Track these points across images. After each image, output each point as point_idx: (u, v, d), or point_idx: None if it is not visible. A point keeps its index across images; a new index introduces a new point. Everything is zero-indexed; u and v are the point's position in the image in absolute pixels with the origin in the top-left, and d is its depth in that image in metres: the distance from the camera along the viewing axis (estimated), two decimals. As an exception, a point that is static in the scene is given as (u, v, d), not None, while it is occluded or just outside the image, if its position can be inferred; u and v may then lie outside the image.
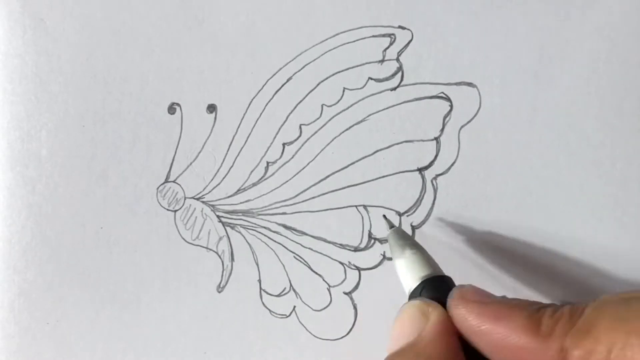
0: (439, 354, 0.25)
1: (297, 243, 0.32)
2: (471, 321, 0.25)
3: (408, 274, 0.28)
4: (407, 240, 0.29)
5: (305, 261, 0.32)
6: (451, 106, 0.32)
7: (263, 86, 0.32)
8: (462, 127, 0.32)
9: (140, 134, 0.32)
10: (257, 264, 0.32)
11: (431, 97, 0.32)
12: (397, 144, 0.32)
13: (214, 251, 0.32)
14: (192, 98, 0.32)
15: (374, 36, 0.32)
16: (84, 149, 0.32)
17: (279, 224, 0.32)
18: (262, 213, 0.32)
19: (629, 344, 0.21)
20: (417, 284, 0.27)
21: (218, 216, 0.32)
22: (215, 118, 0.32)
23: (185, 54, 0.32)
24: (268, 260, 0.32)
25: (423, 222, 0.32)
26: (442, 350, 0.25)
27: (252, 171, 0.32)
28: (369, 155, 0.32)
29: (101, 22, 0.32)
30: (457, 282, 0.29)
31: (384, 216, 0.32)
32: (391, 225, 0.31)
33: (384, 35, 0.32)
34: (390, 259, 0.32)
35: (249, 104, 0.32)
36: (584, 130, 0.32)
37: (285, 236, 0.32)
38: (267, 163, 0.32)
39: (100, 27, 0.32)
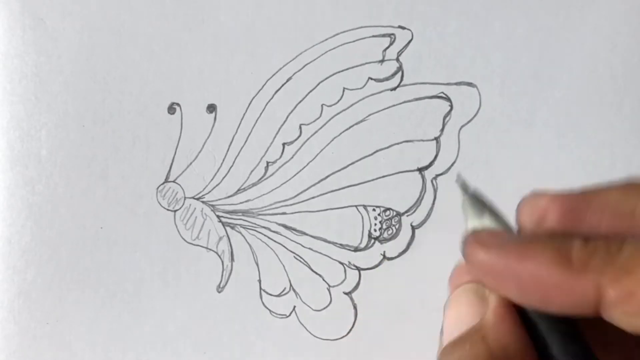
0: (506, 335, 0.22)
1: (297, 243, 0.32)
2: (496, 266, 0.22)
3: None
4: (485, 207, 0.25)
5: (305, 261, 0.32)
6: (451, 106, 0.32)
7: (263, 86, 0.32)
8: (462, 127, 0.32)
9: (140, 134, 0.32)
10: (257, 264, 0.32)
11: (431, 97, 0.32)
12: (397, 144, 0.32)
13: (214, 251, 0.32)
14: (192, 98, 0.32)
15: (374, 36, 0.32)
16: (84, 149, 0.32)
17: (279, 224, 0.32)
18: (262, 213, 0.32)
19: None
20: None
21: (218, 216, 0.32)
22: (215, 118, 0.32)
23: (185, 54, 0.32)
24: (268, 260, 0.32)
25: (423, 222, 0.32)
26: (508, 331, 0.23)
27: (252, 171, 0.32)
28: (369, 155, 0.32)
29: (101, 22, 0.32)
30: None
31: (458, 180, 0.26)
32: (465, 190, 0.26)
33: (384, 35, 0.32)
34: (390, 258, 0.32)
35: (249, 104, 0.32)
36: (584, 130, 0.32)
37: (285, 236, 0.32)
38: (267, 163, 0.32)
39: (100, 27, 0.32)
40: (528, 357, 0.22)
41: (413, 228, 0.32)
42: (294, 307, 0.32)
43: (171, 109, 0.32)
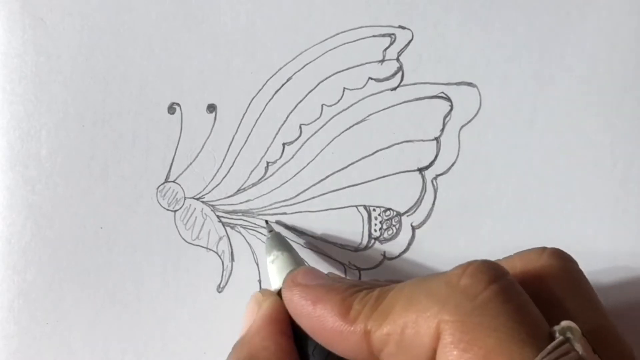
0: (263, 340, 0.26)
1: (297, 243, 0.32)
2: (295, 304, 0.25)
3: (276, 274, 0.29)
4: (278, 243, 0.30)
5: (305, 261, 0.32)
6: (451, 106, 0.32)
7: (263, 86, 0.32)
8: (462, 127, 0.32)
9: (140, 134, 0.32)
10: (257, 264, 0.32)
11: (431, 97, 0.32)
12: (397, 144, 0.32)
13: (214, 251, 0.32)
14: (192, 98, 0.32)
15: (374, 36, 0.32)
16: (84, 149, 0.32)
17: (279, 224, 0.32)
18: (262, 213, 0.32)
19: (418, 323, 0.22)
20: (282, 281, 0.28)
21: (218, 216, 0.32)
22: (215, 118, 0.32)
23: (185, 54, 0.32)
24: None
25: (423, 222, 0.32)
26: (265, 337, 0.26)
27: (252, 171, 0.32)
28: (369, 155, 0.32)
29: (101, 22, 0.32)
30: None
31: (266, 221, 0.32)
32: (270, 230, 0.31)
33: (384, 35, 0.32)
34: (390, 258, 0.32)
35: (249, 104, 0.32)
36: (584, 130, 0.32)
37: (285, 236, 0.32)
38: (267, 163, 0.32)
39: (100, 27, 0.32)
40: None
41: (413, 228, 0.32)
42: (294, 307, 0.32)
43: (171, 109, 0.32)
